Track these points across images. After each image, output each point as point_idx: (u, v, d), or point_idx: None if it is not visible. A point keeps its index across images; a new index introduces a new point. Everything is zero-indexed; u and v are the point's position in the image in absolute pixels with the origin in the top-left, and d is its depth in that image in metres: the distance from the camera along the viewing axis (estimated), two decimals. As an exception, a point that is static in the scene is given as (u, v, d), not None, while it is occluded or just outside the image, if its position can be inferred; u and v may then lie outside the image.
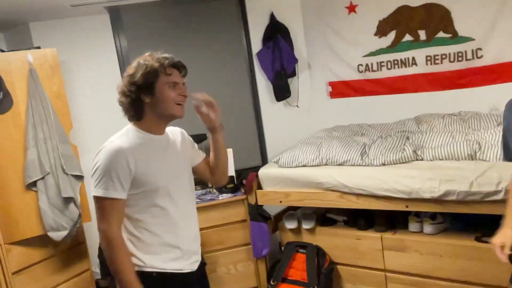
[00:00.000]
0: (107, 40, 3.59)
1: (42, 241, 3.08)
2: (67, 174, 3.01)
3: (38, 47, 3.15)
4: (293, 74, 3.91)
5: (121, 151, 1.50)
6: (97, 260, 3.28)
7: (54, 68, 3.11)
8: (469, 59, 3.27)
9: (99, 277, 3.53)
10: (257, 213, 3.15)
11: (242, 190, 3.21)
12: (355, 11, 3.69)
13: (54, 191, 2.98)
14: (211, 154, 1.90)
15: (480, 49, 3.21)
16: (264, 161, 3.88)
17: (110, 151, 1.50)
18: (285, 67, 3.82)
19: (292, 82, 3.96)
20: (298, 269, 2.94)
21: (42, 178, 2.94)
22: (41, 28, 3.48)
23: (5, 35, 3.64)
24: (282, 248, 3.14)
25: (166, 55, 1.59)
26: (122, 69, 3.60)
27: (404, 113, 3.54)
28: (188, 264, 1.70)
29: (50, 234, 2.99)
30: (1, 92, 2.85)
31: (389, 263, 2.78)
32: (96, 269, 3.53)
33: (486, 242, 2.42)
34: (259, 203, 3.17)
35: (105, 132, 3.64)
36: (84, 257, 3.43)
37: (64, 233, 3.01)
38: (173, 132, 1.81)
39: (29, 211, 2.97)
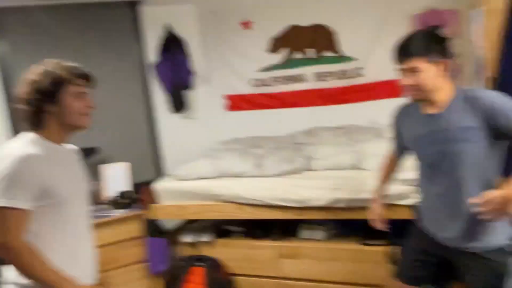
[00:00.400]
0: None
1: None
2: None
3: None
4: (189, 86, 3.89)
5: (31, 159, 1.39)
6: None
7: None
8: (353, 77, 3.51)
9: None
10: (153, 228, 3.07)
11: (139, 205, 3.09)
12: (249, 27, 3.77)
13: None
14: None
15: (362, 68, 3.47)
16: (162, 174, 3.78)
17: (19, 158, 1.37)
18: (183, 79, 3.81)
19: (190, 95, 3.93)
20: (196, 283, 2.90)
21: None
22: None
23: None
24: (179, 263, 3.08)
25: (75, 64, 1.54)
26: (3, 74, 3.27)
27: (297, 126, 3.68)
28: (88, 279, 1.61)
29: None
30: None
31: (285, 271, 2.85)
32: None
33: (371, 245, 2.63)
34: (155, 218, 3.09)
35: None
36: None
37: None
38: (71, 147, 1.73)
39: None
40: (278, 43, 3.70)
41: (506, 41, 2.39)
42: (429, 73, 1.71)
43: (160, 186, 3.11)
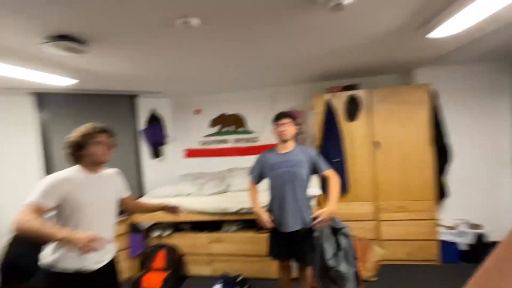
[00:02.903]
0: (29, 114, 2.92)
1: None
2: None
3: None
4: (164, 143, 3.81)
5: (60, 180, 1.33)
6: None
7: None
8: (254, 141, 3.71)
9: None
10: (133, 227, 2.87)
11: (126, 213, 2.86)
12: (200, 113, 3.87)
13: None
14: (142, 208, 1.83)
15: (258, 137, 3.69)
16: (143, 194, 3.56)
17: (54, 178, 1.32)
18: (159, 139, 3.73)
19: (163, 148, 3.84)
20: (160, 261, 2.71)
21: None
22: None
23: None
24: (149, 249, 2.85)
25: (98, 124, 1.47)
26: (44, 135, 2.95)
27: (223, 167, 3.73)
28: (91, 264, 1.39)
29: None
30: None
31: (212, 250, 2.81)
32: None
33: (261, 233, 2.67)
34: (134, 222, 2.90)
35: (18, 178, 2.88)
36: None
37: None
38: (112, 172, 1.62)
39: None
40: (215, 122, 3.81)
41: (323, 127, 2.75)
42: (291, 127, 1.94)
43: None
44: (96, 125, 1.47)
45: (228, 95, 3.73)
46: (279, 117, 1.96)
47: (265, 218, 1.98)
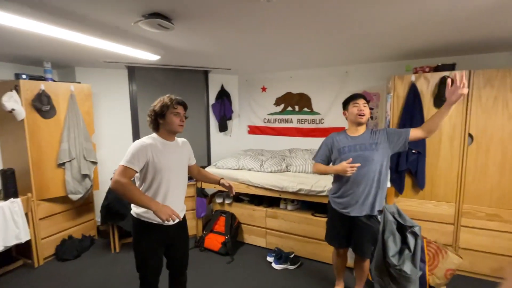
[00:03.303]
0: (123, 84, 3.37)
1: (64, 200, 2.78)
2: (86, 160, 2.75)
3: (79, 82, 2.87)
4: (230, 118, 3.95)
5: (145, 145, 1.47)
6: (99, 214, 2.99)
7: (87, 96, 2.87)
8: (318, 123, 3.51)
9: (99, 224, 3.20)
10: (200, 192, 3.10)
11: (194, 179, 3.14)
12: (265, 91, 3.82)
13: (76, 169, 2.70)
14: (205, 178, 1.87)
15: (323, 119, 3.47)
16: (209, 163, 3.84)
17: (139, 143, 1.47)
18: (226, 114, 3.87)
19: (229, 123, 3.98)
20: (220, 225, 2.91)
21: (69, 161, 2.66)
22: (83, 71, 3.17)
23: (58, 72, 3.26)
24: (213, 213, 3.09)
25: (176, 97, 1.55)
26: (132, 103, 3.39)
27: (284, 146, 3.70)
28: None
29: (70, 196, 2.70)
30: (49, 106, 2.56)
31: (268, 224, 2.84)
32: (98, 218, 3.20)
33: (317, 216, 2.62)
34: (202, 187, 3.12)
35: (115, 137, 3.44)
36: (91, 211, 3.11)
37: (79, 195, 2.74)
38: (182, 141, 1.72)
39: (57, 181, 2.65)
40: (279, 100, 3.72)
41: (403, 113, 2.39)
42: (368, 111, 1.78)
43: (207, 170, 3.12)
44: (174, 97, 1.54)
45: (295, 73, 3.55)
46: (355, 97, 1.79)
47: (341, 165, 1.71)
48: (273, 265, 2.56)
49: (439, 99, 2.27)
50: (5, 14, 1.36)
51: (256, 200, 2.97)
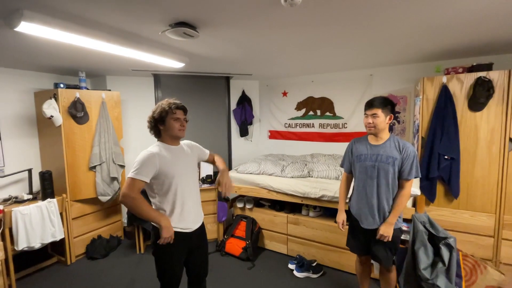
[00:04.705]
0: (149, 91, 3.52)
1: (94, 201, 2.92)
2: (115, 163, 2.88)
3: (109, 90, 3.04)
4: (250, 123, 3.97)
5: (152, 154, 1.44)
6: (126, 215, 3.11)
7: (117, 103, 3.02)
8: (340, 128, 3.42)
9: (125, 225, 3.33)
10: (221, 196, 3.12)
11: (216, 183, 3.17)
12: (286, 96, 3.80)
13: (106, 172, 2.84)
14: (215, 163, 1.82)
15: (346, 123, 3.38)
16: (230, 168, 3.86)
17: (146, 153, 1.44)
18: (247, 119, 3.90)
19: (250, 128, 4.00)
20: (241, 230, 2.91)
21: (100, 164, 2.80)
22: (113, 79, 3.36)
23: (91, 80, 3.49)
24: (234, 217, 3.09)
25: (175, 100, 1.51)
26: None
27: (305, 151, 3.65)
28: (190, 224, 1.55)
29: (100, 197, 2.84)
30: (83, 112, 2.72)
31: (289, 231, 2.79)
32: (124, 220, 3.33)
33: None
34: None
35: (141, 142, 3.60)
36: (118, 212, 3.25)
37: (108, 197, 2.86)
38: (186, 143, 1.67)
39: (88, 183, 2.80)
40: (301, 105, 3.68)
41: (434, 117, 2.25)
42: (381, 118, 1.67)
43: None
44: (173, 101, 1.50)
45: (316, 77, 3.50)
46: (368, 105, 1.70)
47: (339, 220, 1.90)
48: (295, 272, 2.50)
49: (475, 101, 2.12)
50: (45, 28, 1.47)
51: (278, 205, 2.93)
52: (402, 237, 1.95)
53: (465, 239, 2.21)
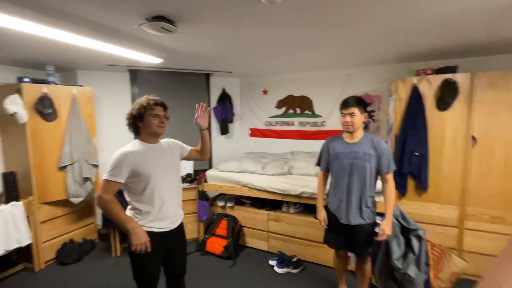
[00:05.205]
0: (125, 87, 3.38)
1: (65, 203, 2.76)
2: (88, 163, 2.74)
3: (81, 85, 2.88)
4: (231, 121, 3.95)
5: (125, 154, 1.40)
6: (101, 217, 2.98)
7: (89, 99, 2.87)
8: (319, 126, 3.51)
9: (100, 227, 3.18)
10: (202, 195, 3.09)
11: (196, 182, 3.12)
12: (267, 94, 3.82)
13: (78, 172, 2.69)
14: (199, 143, 1.73)
15: (325, 121, 3.47)
16: (211, 166, 3.82)
17: (119, 153, 1.40)
18: (228, 117, 3.87)
19: (230, 126, 3.98)
20: (222, 228, 2.89)
21: (71, 164, 2.65)
22: (85, 74, 3.19)
23: (60, 75, 3.27)
24: (214, 216, 3.07)
25: (154, 97, 1.49)
26: (133, 106, 3.39)
27: (286, 149, 3.70)
28: (168, 224, 1.51)
29: (71, 199, 2.69)
30: (51, 109, 2.56)
31: (270, 228, 2.82)
32: (99, 222, 3.18)
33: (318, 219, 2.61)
34: (204, 190, 3.10)
35: (117, 140, 3.43)
36: (92, 214, 3.10)
37: (80, 199, 2.72)
38: (166, 141, 1.62)
39: (59, 184, 2.64)
40: (281, 103, 3.72)
41: (405, 116, 2.38)
42: (358, 117, 1.74)
43: (209, 173, 3.13)
44: (152, 98, 1.47)
45: (296, 76, 3.55)
46: (344, 104, 1.76)
47: (321, 217, 1.94)
48: (276, 268, 2.54)
49: (442, 101, 2.27)
50: (7, 17, 1.36)
51: (259, 203, 2.95)
52: (376, 229, 2.04)
53: (434, 230, 2.37)
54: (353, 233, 1.84)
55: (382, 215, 2.18)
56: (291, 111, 3.66)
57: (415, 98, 2.32)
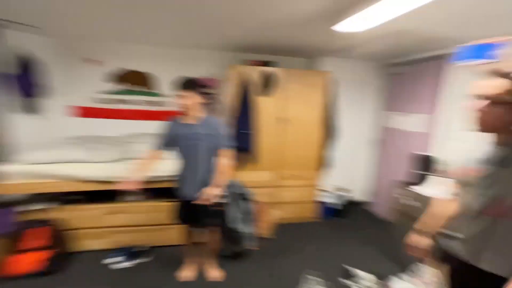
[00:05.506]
0: None
1: None
2: None
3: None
4: (40, 95, 2.89)
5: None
6: None
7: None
8: (160, 105, 3.28)
9: None
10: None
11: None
12: (96, 64, 3.10)
13: None
14: None
15: (166, 101, 3.29)
16: (5, 158, 2.67)
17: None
18: (33, 90, 2.81)
19: (39, 102, 2.92)
20: (39, 238, 2.20)
21: None
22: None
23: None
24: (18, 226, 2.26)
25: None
26: None
27: (120, 131, 3.20)
28: None
29: None
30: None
31: (108, 222, 2.47)
32: None
33: (160, 201, 2.51)
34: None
35: None
36: None
37: None
38: None
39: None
40: (114, 77, 3.15)
41: (238, 99, 2.74)
42: (193, 99, 1.79)
43: (8, 168, 2.23)
44: None
45: (136, 48, 3.13)
46: (179, 86, 1.79)
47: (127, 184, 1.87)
48: (121, 264, 2.30)
49: (265, 89, 2.82)
50: None
51: (88, 197, 2.48)
52: (220, 200, 2.26)
53: (262, 192, 2.96)
54: (194, 208, 1.95)
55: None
56: (128, 87, 3.22)
57: (244, 84, 2.73)
